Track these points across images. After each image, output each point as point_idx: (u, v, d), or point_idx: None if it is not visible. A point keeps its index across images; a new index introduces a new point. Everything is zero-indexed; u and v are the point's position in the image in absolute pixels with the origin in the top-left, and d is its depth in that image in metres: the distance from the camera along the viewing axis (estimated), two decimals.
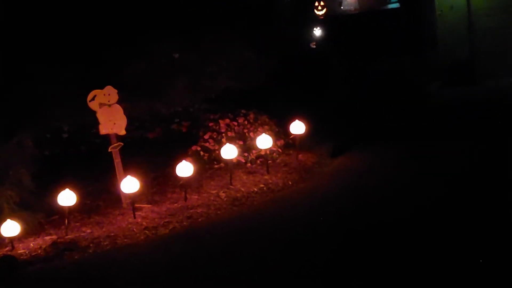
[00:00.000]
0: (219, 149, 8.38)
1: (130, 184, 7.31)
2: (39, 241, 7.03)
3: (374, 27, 17.35)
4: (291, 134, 8.88)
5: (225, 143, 8.41)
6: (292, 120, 8.96)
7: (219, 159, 8.43)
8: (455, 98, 14.97)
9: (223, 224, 7.10)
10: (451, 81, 16.50)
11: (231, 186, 7.94)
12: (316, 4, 19.03)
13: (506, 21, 16.67)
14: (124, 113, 8.00)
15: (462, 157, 8.30)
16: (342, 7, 19.89)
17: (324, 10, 18.91)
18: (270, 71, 9.65)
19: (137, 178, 7.50)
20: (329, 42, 17.79)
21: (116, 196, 7.88)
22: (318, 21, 18.71)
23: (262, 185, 7.96)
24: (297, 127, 8.75)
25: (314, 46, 18.18)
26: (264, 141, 8.28)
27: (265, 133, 8.67)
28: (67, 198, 7.18)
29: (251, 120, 9.00)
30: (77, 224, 7.39)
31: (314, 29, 18.45)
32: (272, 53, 9.93)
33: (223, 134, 8.70)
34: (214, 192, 7.84)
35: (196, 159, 8.60)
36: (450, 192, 6.89)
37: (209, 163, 8.59)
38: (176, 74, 8.76)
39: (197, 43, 9.08)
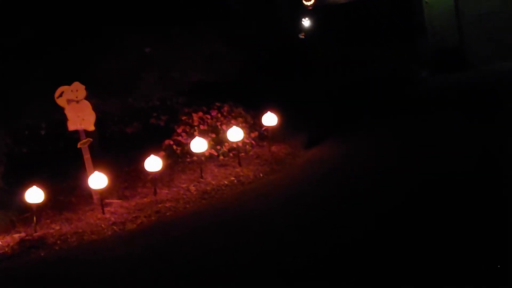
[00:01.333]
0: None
1: (97, 180, 7.31)
2: (8, 239, 7.04)
3: (363, 16, 17.30)
4: (264, 126, 8.86)
5: (197, 136, 8.39)
6: (268, 111, 8.94)
7: (191, 152, 8.41)
8: (444, 84, 14.96)
9: (191, 218, 7.11)
10: (442, 67, 16.48)
11: (201, 180, 7.93)
12: None
13: (493, 6, 16.60)
14: (96, 109, 8.00)
15: (443, 148, 8.12)
16: None
17: (313, 1, 18.83)
18: (243, 64, 9.58)
19: (109, 173, 7.52)
20: (317, 32, 17.77)
21: (88, 193, 7.88)
22: (307, 12, 18.64)
23: (233, 178, 7.95)
24: (269, 119, 8.73)
25: (303, 37, 18.16)
26: (235, 134, 8.27)
27: (239, 126, 8.67)
28: (34, 195, 7.18)
29: (224, 113, 8.97)
30: (48, 221, 7.40)
31: (303, 19, 18.40)
32: (245, 46, 9.86)
33: (196, 128, 8.66)
34: (184, 186, 7.84)
35: (169, 153, 8.60)
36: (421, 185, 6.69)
37: (182, 157, 8.59)
38: (147, 68, 8.74)
39: (168, 37, 9.05)
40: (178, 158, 8.57)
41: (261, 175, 8.08)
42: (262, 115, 9.03)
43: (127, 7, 8.69)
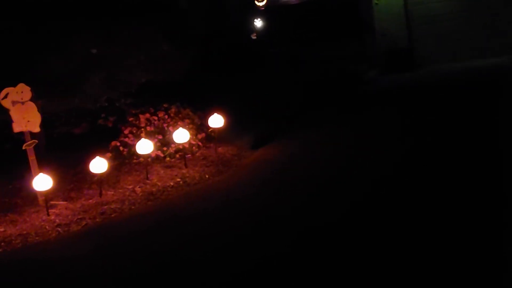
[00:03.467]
0: None
1: (42, 182, 7.32)
2: None
3: (314, 17, 17.55)
4: (210, 128, 8.96)
5: (144, 138, 8.45)
6: (216, 112, 9.05)
7: (138, 154, 8.47)
8: (391, 84, 15.23)
9: (135, 219, 7.15)
10: (391, 68, 16.76)
11: (147, 181, 8.00)
12: None
13: (441, 8, 16.97)
14: (42, 110, 8.00)
15: (392, 147, 8.36)
16: None
17: (265, 1, 18.99)
18: (191, 64, 9.66)
19: (56, 175, 7.53)
20: (269, 33, 17.95)
21: (34, 194, 7.87)
22: (259, 13, 18.80)
23: (178, 179, 8.03)
24: (216, 121, 8.84)
25: (255, 37, 18.32)
26: (180, 136, 8.36)
27: (186, 127, 8.77)
28: None
29: (171, 114, 9.04)
30: None
31: (255, 20, 18.55)
32: (192, 47, 9.95)
33: (142, 129, 8.72)
34: (130, 187, 7.89)
35: (116, 154, 8.63)
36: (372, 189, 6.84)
37: (129, 158, 8.63)
38: (93, 69, 8.76)
39: (114, 38, 9.08)
40: (125, 160, 8.61)
41: (207, 176, 8.17)
42: (210, 116, 9.12)
43: (71, 6, 8.67)
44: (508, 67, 14.17)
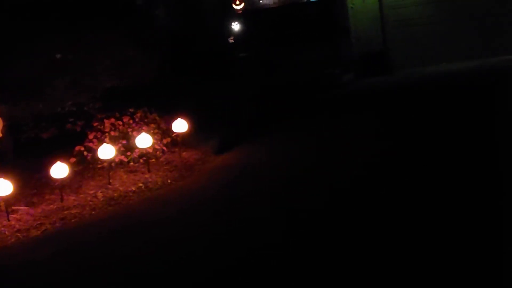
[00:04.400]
0: None
1: (2, 187, 7.33)
2: None
3: (290, 20, 17.62)
4: (174, 133, 9.02)
5: (108, 143, 8.49)
6: (182, 117, 9.10)
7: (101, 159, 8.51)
8: (365, 88, 15.35)
9: (95, 225, 7.19)
10: (366, 71, 16.87)
11: (109, 186, 8.04)
12: None
13: (417, 12, 17.11)
14: (6, 115, 8.02)
15: (360, 153, 8.39)
16: (261, 1, 20.09)
17: (242, 5, 19.05)
18: (159, 69, 9.71)
19: (19, 180, 7.55)
20: (245, 36, 18.01)
21: None
22: (236, 16, 18.84)
23: (141, 184, 8.07)
24: (180, 126, 8.90)
25: (233, 41, 18.37)
26: (143, 140, 8.40)
27: (151, 132, 8.83)
28: None
29: (137, 119, 9.08)
30: None
31: (233, 23, 18.60)
32: (161, 51, 10.00)
33: (107, 134, 8.76)
34: (92, 192, 7.92)
35: (80, 159, 8.67)
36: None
37: (93, 163, 8.66)
38: (58, 73, 8.80)
39: (80, 43, 9.12)
40: (89, 165, 8.65)
41: (169, 181, 8.22)
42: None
43: (38, 12, 8.70)
44: (481, 70, 14.34)
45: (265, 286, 4.78)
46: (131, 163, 8.68)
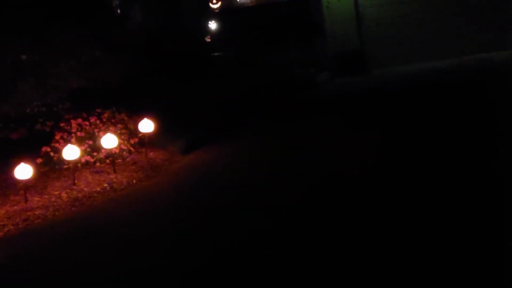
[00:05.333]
0: None
1: None
2: None
3: (266, 19, 17.66)
4: (140, 133, 9.03)
5: (74, 144, 8.49)
6: (151, 117, 9.12)
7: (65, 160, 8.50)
8: (340, 87, 15.41)
9: (59, 225, 7.20)
10: (342, 70, 16.92)
11: (74, 187, 8.04)
12: None
13: (392, 11, 17.19)
14: None
15: (329, 154, 8.42)
16: (238, 0, 20.12)
17: (219, 4, 19.07)
18: (128, 69, 9.71)
19: None
20: (222, 35, 18.04)
21: None
22: (214, 15, 18.86)
23: (106, 185, 8.08)
24: (146, 126, 8.91)
25: (209, 40, 18.39)
26: (109, 141, 8.41)
27: (118, 132, 8.86)
28: None
29: (104, 119, 9.08)
30: None
31: (209, 22, 18.61)
32: (129, 51, 10.00)
33: (73, 134, 8.75)
34: (56, 193, 7.93)
35: (46, 160, 8.66)
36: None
37: (59, 164, 8.65)
38: (23, 75, 8.77)
39: (45, 44, 9.10)
40: (55, 165, 8.64)
41: (135, 181, 8.24)
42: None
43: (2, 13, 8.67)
44: (457, 69, 14.48)
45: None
46: (98, 164, 8.68)
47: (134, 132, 9.27)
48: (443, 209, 5.70)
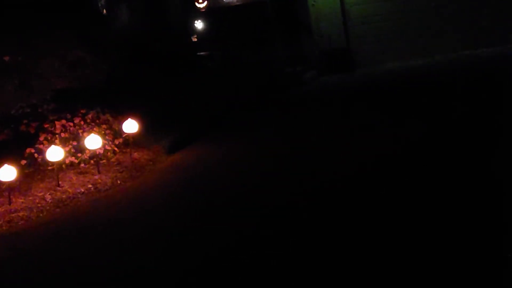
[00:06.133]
0: None
1: None
2: None
3: (251, 17, 17.69)
4: (124, 134, 9.05)
5: (58, 145, 8.50)
6: (133, 117, 9.13)
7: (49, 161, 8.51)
8: (326, 85, 15.50)
9: (42, 227, 7.21)
10: (329, 68, 17.02)
11: (58, 188, 8.05)
12: None
13: (378, 9, 17.28)
14: None
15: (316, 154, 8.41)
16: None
17: (205, 3, 19.08)
18: (111, 69, 9.72)
19: None
20: (208, 35, 18.06)
21: None
22: (200, 14, 18.87)
23: (90, 186, 8.10)
24: (130, 126, 8.92)
25: (196, 39, 18.40)
26: (92, 142, 8.42)
27: (103, 133, 8.87)
28: None
29: (88, 120, 9.09)
30: None
31: (196, 22, 18.62)
32: (113, 51, 10.01)
33: (57, 136, 8.76)
34: (40, 194, 7.93)
35: (30, 161, 8.66)
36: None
37: (43, 165, 8.65)
38: (6, 76, 8.77)
39: (28, 45, 9.10)
40: (40, 167, 8.63)
41: (119, 182, 8.26)
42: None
43: None
44: (442, 67, 14.60)
45: None
46: (82, 165, 8.69)
47: (119, 132, 9.29)
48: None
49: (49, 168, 8.62)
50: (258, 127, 10.84)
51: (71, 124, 8.97)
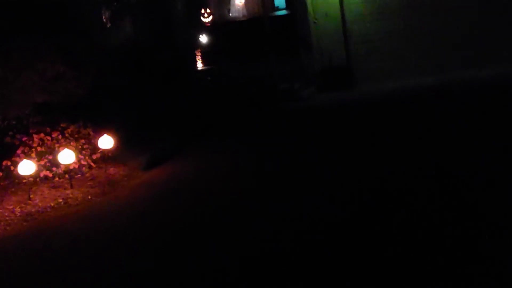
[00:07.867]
0: None
1: None
2: None
3: (253, 34, 17.75)
4: (100, 149, 9.12)
5: (34, 158, 8.59)
6: (110, 133, 9.20)
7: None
8: (325, 102, 15.47)
9: (7, 240, 7.28)
10: (328, 86, 16.98)
11: (29, 201, 8.14)
12: (203, 11, 19.37)
13: (379, 28, 17.25)
14: None
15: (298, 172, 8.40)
16: (230, 14, 20.25)
17: (211, 18, 19.22)
18: (92, 85, 9.81)
19: None
20: (211, 49, 18.17)
21: None
22: (205, 28, 19.00)
23: (60, 200, 8.18)
24: (105, 142, 8.99)
25: (200, 53, 18.50)
26: (66, 156, 8.49)
27: (79, 147, 8.96)
28: None
29: (66, 134, 9.18)
30: None
31: (200, 36, 18.74)
32: (98, 65, 10.10)
33: (33, 149, 8.85)
34: (10, 207, 8.03)
35: (6, 174, 8.76)
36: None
37: (19, 178, 8.73)
38: None
39: (8, 57, 9.22)
40: (15, 179, 8.72)
41: (90, 197, 8.32)
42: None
43: None
44: (440, 87, 14.51)
45: None
46: (56, 179, 8.76)
47: (97, 147, 9.34)
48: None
49: (24, 181, 8.70)
50: (234, 146, 10.68)
51: (49, 138, 9.04)
